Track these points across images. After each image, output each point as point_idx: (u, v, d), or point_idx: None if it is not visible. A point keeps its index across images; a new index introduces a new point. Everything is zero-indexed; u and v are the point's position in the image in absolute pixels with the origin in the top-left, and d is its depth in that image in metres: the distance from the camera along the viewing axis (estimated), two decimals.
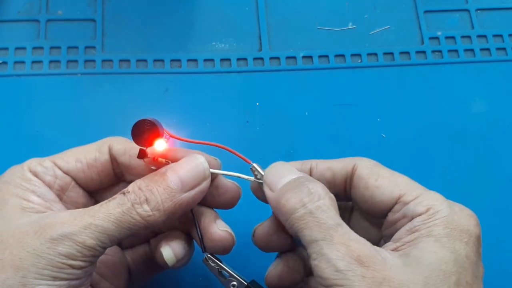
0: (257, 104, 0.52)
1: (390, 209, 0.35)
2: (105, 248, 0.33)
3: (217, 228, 0.37)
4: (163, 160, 0.36)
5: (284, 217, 0.33)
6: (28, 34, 0.53)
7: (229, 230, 0.37)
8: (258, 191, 0.38)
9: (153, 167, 0.36)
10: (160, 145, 0.35)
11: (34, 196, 0.34)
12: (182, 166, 0.35)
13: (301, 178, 0.35)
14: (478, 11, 0.58)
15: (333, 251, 0.30)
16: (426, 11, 0.57)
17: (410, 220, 0.33)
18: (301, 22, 0.56)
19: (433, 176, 0.49)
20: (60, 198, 0.36)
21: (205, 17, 0.56)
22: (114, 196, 0.34)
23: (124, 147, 0.37)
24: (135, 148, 0.36)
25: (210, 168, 0.36)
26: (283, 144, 0.50)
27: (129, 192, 0.33)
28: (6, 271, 0.30)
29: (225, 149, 0.37)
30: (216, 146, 0.37)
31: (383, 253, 0.31)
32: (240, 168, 0.37)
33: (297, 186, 0.34)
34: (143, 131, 0.34)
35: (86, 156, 0.37)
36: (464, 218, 0.33)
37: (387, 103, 0.53)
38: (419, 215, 0.33)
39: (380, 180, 0.35)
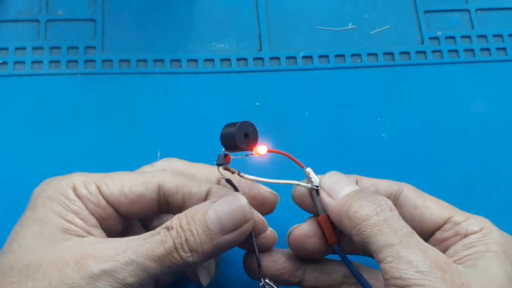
0: (257, 104, 0.52)
1: (438, 228, 0.37)
2: (142, 285, 0.32)
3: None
4: (235, 170, 0.35)
5: (353, 223, 0.34)
6: (28, 34, 0.53)
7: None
8: (304, 196, 0.38)
9: (223, 176, 0.36)
10: (262, 150, 0.36)
11: (77, 218, 0.34)
12: (222, 207, 0.34)
13: (365, 190, 0.36)
14: (478, 11, 0.58)
15: (412, 254, 0.31)
16: (426, 11, 0.57)
17: (464, 237, 0.35)
18: (301, 22, 0.56)
19: (433, 176, 0.49)
20: (99, 224, 0.36)
21: (205, 17, 0.56)
22: (158, 231, 0.33)
23: (176, 184, 0.36)
24: (188, 185, 0.35)
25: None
26: (283, 144, 0.50)
27: (172, 228, 0.33)
28: None
29: (280, 153, 0.37)
30: (278, 152, 0.37)
31: (453, 263, 0.33)
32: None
33: (368, 196, 0.34)
34: (245, 134, 0.34)
35: (132, 191, 0.35)
36: (511, 239, 0.35)
37: (387, 103, 0.53)
38: (474, 233, 0.35)
39: (427, 201, 0.37)
